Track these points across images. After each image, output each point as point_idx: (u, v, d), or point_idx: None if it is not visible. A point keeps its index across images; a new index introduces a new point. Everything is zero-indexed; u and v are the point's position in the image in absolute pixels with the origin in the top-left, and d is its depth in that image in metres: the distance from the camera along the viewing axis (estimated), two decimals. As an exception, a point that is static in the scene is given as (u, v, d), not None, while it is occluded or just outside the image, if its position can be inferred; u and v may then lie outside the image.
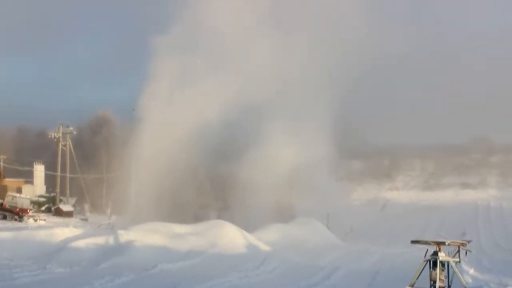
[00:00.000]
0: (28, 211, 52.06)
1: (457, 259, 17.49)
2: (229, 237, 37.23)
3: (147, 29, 63.84)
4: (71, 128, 66.75)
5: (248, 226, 43.22)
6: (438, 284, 16.77)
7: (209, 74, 60.46)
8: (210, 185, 66.35)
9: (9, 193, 55.51)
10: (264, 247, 36.92)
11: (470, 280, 24.70)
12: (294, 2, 68.69)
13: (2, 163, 69.73)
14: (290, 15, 67.73)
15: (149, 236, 34.75)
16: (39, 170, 67.04)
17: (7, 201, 52.36)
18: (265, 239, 40.55)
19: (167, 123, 56.93)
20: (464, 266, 26.37)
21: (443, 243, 16.95)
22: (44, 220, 50.73)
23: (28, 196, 56.24)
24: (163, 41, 60.33)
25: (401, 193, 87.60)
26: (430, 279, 17.10)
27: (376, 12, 73.53)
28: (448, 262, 16.89)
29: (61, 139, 65.27)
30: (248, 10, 63.80)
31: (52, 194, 65.15)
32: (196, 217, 54.20)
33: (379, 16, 75.25)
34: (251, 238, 38.53)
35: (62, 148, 65.57)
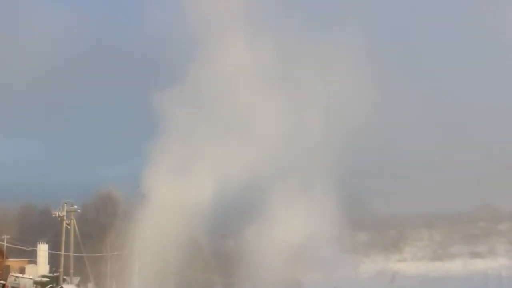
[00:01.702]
0: (31, 292, 51.28)
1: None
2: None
3: (151, 105, 64.86)
4: (75, 207, 66.62)
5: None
6: None
7: (212, 149, 60.96)
8: (216, 262, 65.62)
9: (12, 273, 54.98)
10: (272, 326, 36.11)
11: None
12: (300, 68, 69.79)
13: (5, 243, 69.22)
14: (294, 82, 68.75)
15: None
16: (42, 250, 66.47)
17: (10, 282, 51.75)
18: (273, 317, 39.73)
19: (171, 200, 56.94)
20: None
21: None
22: (47, 301, 49.92)
23: (31, 277, 55.59)
24: (167, 117, 61.16)
25: (410, 264, 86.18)
26: None
27: (382, 83, 74.82)
28: None
29: (65, 217, 65.05)
30: (253, 81, 64.79)
31: (55, 274, 64.32)
32: (202, 295, 53.36)
33: (385, 87, 76.51)
34: (259, 317, 37.76)
35: (66, 227, 65.24)
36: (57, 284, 61.22)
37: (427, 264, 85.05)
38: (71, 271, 65.44)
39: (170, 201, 56.96)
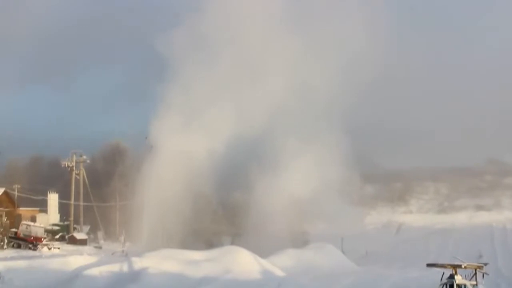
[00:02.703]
0: (42, 239, 52.06)
1: (474, 282, 17.30)
2: (243, 263, 37.07)
3: (160, 58, 64.05)
4: (85, 157, 67.03)
5: (262, 251, 42.95)
6: (455, 307, 16.52)
7: (220, 101, 60.45)
8: (223, 212, 66.14)
9: (23, 222, 55.68)
10: (279, 273, 36.72)
11: (488, 303, 24.31)
12: (315, 15, 68.43)
13: (16, 193, 70.08)
14: (308, 29, 67.42)
15: (163, 263, 34.69)
16: (52, 199, 67.25)
17: (21, 230, 52.43)
18: (279, 264, 40.33)
19: (179, 150, 57.00)
20: (482, 289, 26.01)
21: (460, 266, 16.78)
22: (58, 248, 50.72)
23: (42, 225, 56.26)
24: (174, 69, 60.52)
25: (415, 216, 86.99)
26: (447, 303, 16.85)
27: (390, 33, 73.84)
28: (465, 285, 16.67)
29: (74, 168, 65.56)
30: (257, 31, 63.51)
31: (66, 223, 65.31)
32: (210, 244, 54.02)
33: (393, 38, 75.54)
34: (265, 264, 38.34)
35: (75, 177, 65.82)
36: (68, 233, 62.18)
37: (432, 217, 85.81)
38: (81, 219, 66.43)
39: (178, 152, 57.05)
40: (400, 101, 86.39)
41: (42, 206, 69.08)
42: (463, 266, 16.60)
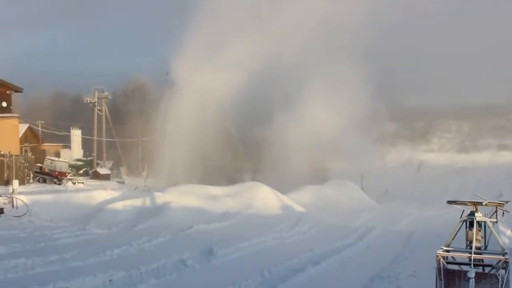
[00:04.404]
0: (67, 174, 52.96)
1: (494, 220, 17.24)
2: (264, 198, 37.40)
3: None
4: (106, 93, 67.30)
5: (282, 188, 43.24)
6: (474, 244, 16.55)
7: (241, 36, 59.54)
8: (244, 148, 66.32)
9: (48, 157, 56.52)
10: (298, 208, 37.03)
11: (507, 241, 24.45)
12: None
13: (40, 128, 71.06)
14: None
15: (184, 197, 35.15)
16: (76, 135, 68.17)
17: (46, 165, 53.28)
18: (299, 200, 40.68)
19: (200, 86, 56.77)
20: (501, 227, 26.11)
21: (480, 204, 16.65)
22: (82, 183, 51.54)
23: (66, 160, 57.15)
24: (195, 4, 59.54)
25: (437, 155, 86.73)
26: (467, 240, 16.84)
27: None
28: (485, 223, 16.60)
29: (96, 104, 65.99)
30: None
31: (89, 158, 66.29)
32: (231, 180, 54.45)
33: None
34: (285, 200, 38.66)
35: (97, 113, 66.34)
36: (91, 168, 63.16)
37: (454, 155, 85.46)
38: (104, 155, 67.31)
39: (199, 87, 56.85)
40: (422, 38, 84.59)
41: (66, 142, 70.14)
42: (483, 204, 16.47)
